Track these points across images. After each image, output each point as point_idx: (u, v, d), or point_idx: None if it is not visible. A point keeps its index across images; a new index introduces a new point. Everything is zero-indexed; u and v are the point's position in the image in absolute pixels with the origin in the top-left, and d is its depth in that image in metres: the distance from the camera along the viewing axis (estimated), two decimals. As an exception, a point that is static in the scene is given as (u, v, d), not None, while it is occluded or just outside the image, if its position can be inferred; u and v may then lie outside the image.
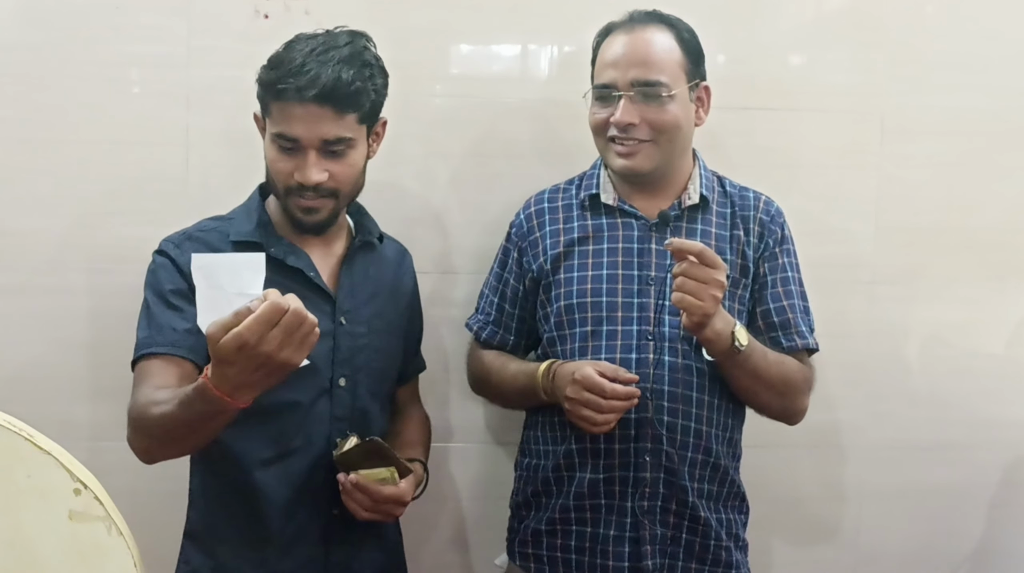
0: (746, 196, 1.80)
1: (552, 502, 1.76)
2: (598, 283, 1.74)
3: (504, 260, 1.90)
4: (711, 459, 1.72)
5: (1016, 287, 2.21)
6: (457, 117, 2.05)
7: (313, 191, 1.58)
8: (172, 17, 1.95)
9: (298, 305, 1.28)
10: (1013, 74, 2.14)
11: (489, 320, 1.90)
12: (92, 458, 1.03)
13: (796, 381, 1.72)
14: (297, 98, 1.53)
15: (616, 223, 1.78)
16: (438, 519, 2.12)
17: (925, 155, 2.14)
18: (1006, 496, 2.22)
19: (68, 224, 1.95)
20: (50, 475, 0.94)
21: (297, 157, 1.57)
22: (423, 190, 2.06)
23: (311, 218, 1.62)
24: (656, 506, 1.70)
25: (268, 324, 1.26)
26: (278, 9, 1.97)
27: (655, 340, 1.71)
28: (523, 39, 2.09)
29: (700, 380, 1.71)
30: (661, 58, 1.70)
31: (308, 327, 1.29)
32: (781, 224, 1.79)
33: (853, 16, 2.12)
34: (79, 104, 1.94)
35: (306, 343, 1.31)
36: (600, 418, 1.61)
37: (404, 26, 1.99)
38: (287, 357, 1.29)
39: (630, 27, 1.74)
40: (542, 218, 1.84)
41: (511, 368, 1.83)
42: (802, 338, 1.76)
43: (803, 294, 1.80)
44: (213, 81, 1.95)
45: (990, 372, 2.20)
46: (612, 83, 1.71)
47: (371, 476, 1.55)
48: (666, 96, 1.69)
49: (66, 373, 1.96)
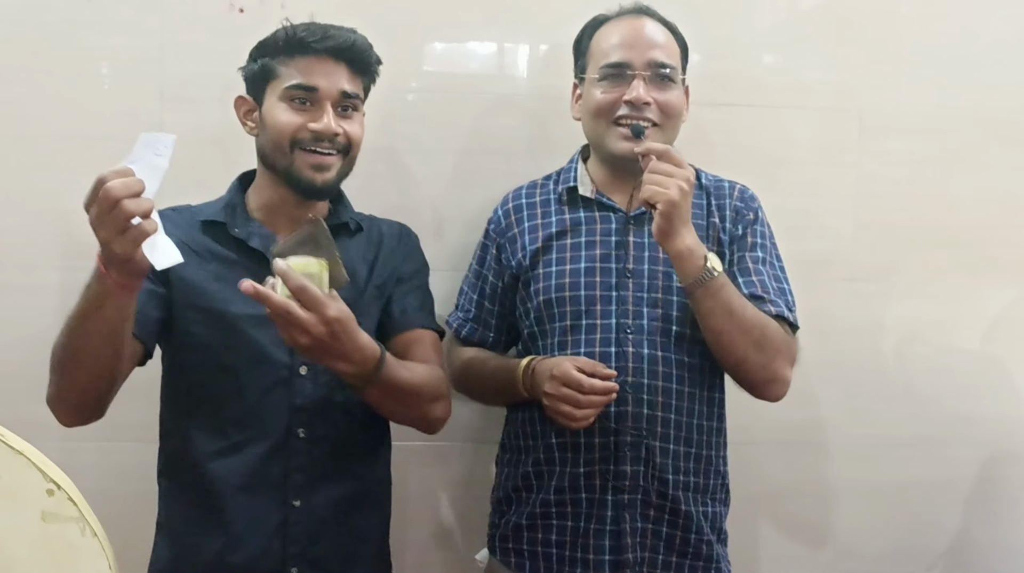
0: (721, 186, 1.81)
1: (533, 497, 1.76)
2: (576, 277, 1.74)
3: (483, 257, 1.89)
4: (693, 450, 1.72)
5: (992, 284, 2.22)
6: (435, 113, 2.04)
7: (329, 143, 1.58)
8: (145, 10, 1.93)
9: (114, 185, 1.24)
10: (989, 71, 2.15)
11: (469, 317, 1.90)
12: (63, 458, 1.02)
13: (774, 336, 1.66)
14: (318, 50, 1.58)
15: (594, 216, 1.77)
16: (419, 516, 2.11)
17: (903, 152, 2.14)
18: (982, 491, 2.23)
19: (39, 221, 1.93)
20: (22, 475, 0.92)
21: (310, 111, 1.58)
22: (402, 187, 2.05)
23: (323, 175, 1.60)
24: (637, 500, 1.69)
25: (92, 195, 1.26)
26: (253, 3, 1.95)
27: (634, 333, 1.70)
28: (501, 35, 2.08)
29: (680, 372, 1.71)
30: (670, 45, 1.75)
31: (120, 214, 1.25)
32: (755, 209, 1.78)
33: (830, 13, 2.12)
34: (51, 98, 1.91)
35: (127, 235, 1.26)
36: (579, 413, 1.62)
37: (379, 22, 1.95)
38: (103, 238, 1.28)
39: (636, 15, 1.77)
40: (520, 214, 1.83)
41: (491, 365, 1.83)
42: (775, 307, 1.70)
43: (778, 276, 1.77)
44: (187, 75, 1.93)
45: (966, 368, 2.21)
46: (626, 62, 1.71)
47: (298, 267, 1.34)
48: (675, 81, 1.73)
49: (37, 372, 1.91)
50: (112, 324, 1.40)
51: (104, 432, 1.64)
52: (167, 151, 1.32)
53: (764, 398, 1.72)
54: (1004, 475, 2.24)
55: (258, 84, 1.62)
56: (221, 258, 1.59)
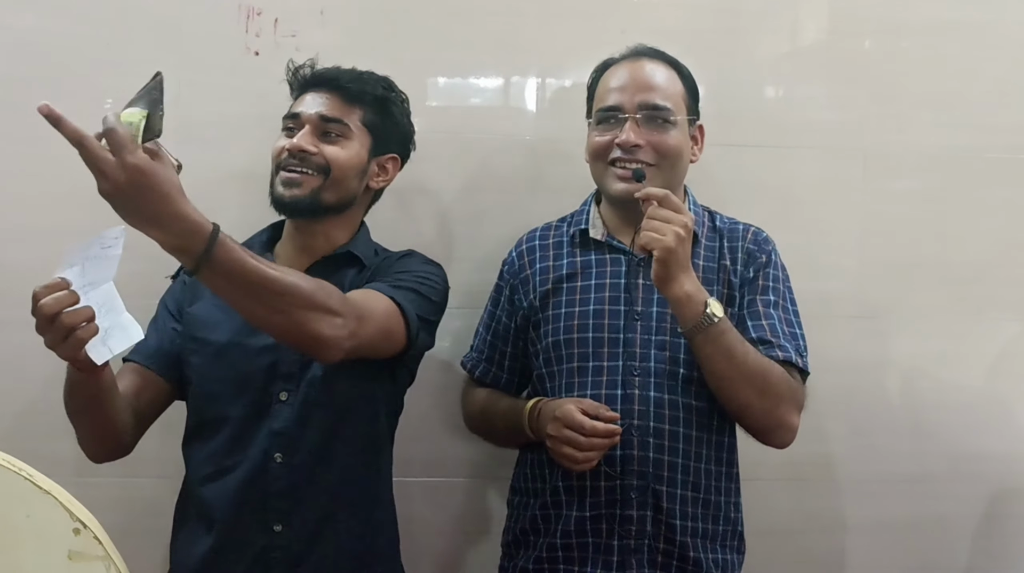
0: (735, 228, 1.81)
1: (540, 541, 1.75)
2: (585, 319, 1.74)
3: (497, 298, 1.90)
4: (701, 496, 1.71)
5: (996, 320, 2.23)
6: (444, 153, 2.07)
7: (299, 161, 1.63)
8: (163, 52, 1.96)
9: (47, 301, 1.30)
10: (991, 112, 2.18)
11: (482, 357, 1.90)
12: (81, 494, 1.04)
13: (778, 383, 1.64)
14: (308, 85, 1.70)
15: (604, 259, 1.78)
16: (423, 554, 2.10)
17: (906, 191, 2.17)
18: (987, 528, 2.24)
19: (56, 257, 1.91)
20: (49, 515, 0.94)
21: (294, 135, 1.66)
22: (411, 225, 2.07)
23: (291, 191, 1.64)
24: (644, 545, 1.68)
25: (33, 306, 1.32)
26: (268, 46, 1.98)
27: (640, 375, 1.70)
28: (508, 74, 2.12)
29: (687, 415, 1.70)
30: (667, 86, 1.75)
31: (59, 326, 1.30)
32: (768, 251, 1.77)
33: (834, 54, 2.16)
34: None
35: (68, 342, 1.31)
36: (580, 456, 1.61)
37: (391, 61, 2.00)
38: (48, 344, 1.34)
39: (635, 58, 1.77)
40: (533, 255, 1.85)
41: (501, 406, 1.84)
42: (783, 352, 1.68)
43: (791, 321, 1.75)
44: (203, 116, 1.95)
45: (971, 405, 2.22)
46: (618, 106, 1.73)
47: (124, 117, 1.29)
48: (671, 122, 1.72)
49: (53, 408, 1.92)
50: (93, 394, 1.50)
51: (121, 468, 1.67)
52: (117, 242, 1.34)
53: (770, 445, 1.71)
54: (1009, 512, 2.25)
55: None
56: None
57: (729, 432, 1.76)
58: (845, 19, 2.16)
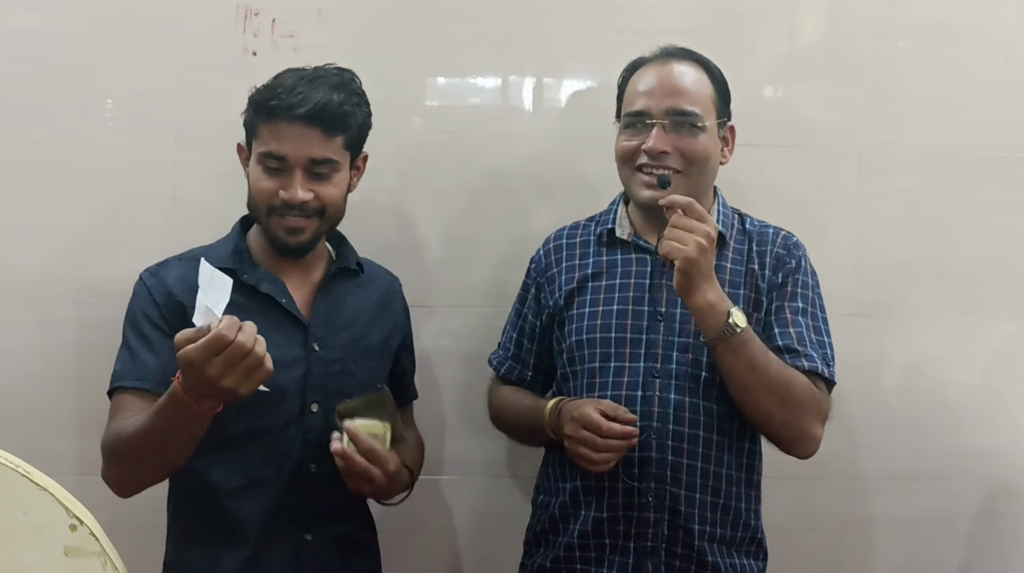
0: (765, 232, 1.78)
1: (559, 540, 1.75)
2: (608, 319, 1.73)
3: (524, 296, 1.90)
4: (721, 501, 1.69)
5: (992, 319, 2.23)
6: (441, 151, 2.08)
7: (299, 210, 1.61)
8: (162, 54, 1.97)
9: (245, 338, 1.35)
10: (986, 112, 2.18)
11: (508, 355, 1.90)
12: (78, 492, 1.04)
13: (801, 394, 1.62)
14: (287, 117, 1.58)
15: (630, 259, 1.77)
16: (433, 550, 2.15)
17: (902, 191, 2.17)
18: (984, 526, 2.24)
19: (56, 258, 1.97)
20: (46, 511, 0.95)
21: (282, 177, 1.61)
22: (406, 224, 2.08)
23: (295, 239, 1.63)
24: (660, 548, 1.67)
25: (210, 351, 1.34)
26: (266, 46, 2.00)
27: (661, 378, 1.69)
28: (505, 74, 2.13)
29: (708, 419, 1.68)
30: (695, 90, 1.71)
31: (253, 361, 1.36)
32: (798, 257, 1.75)
33: (830, 55, 2.16)
34: (69, 139, 1.96)
35: (253, 377, 1.37)
36: (597, 457, 1.60)
37: (388, 61, 2.02)
38: (230, 385, 1.36)
39: (664, 60, 1.74)
40: (560, 254, 1.84)
41: (524, 404, 1.83)
42: (809, 361, 1.66)
43: (819, 328, 1.73)
44: (202, 116, 1.98)
45: (967, 403, 2.23)
46: (646, 111, 1.70)
47: (364, 428, 1.55)
48: (699, 127, 1.69)
49: (53, 406, 1.96)
50: (193, 435, 1.49)
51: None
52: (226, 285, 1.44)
53: (793, 454, 1.70)
54: (1005, 509, 2.25)
55: (248, 136, 1.67)
56: (234, 303, 1.61)
57: (751, 438, 1.74)
58: (841, 20, 2.16)
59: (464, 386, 2.10)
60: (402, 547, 2.05)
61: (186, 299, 1.60)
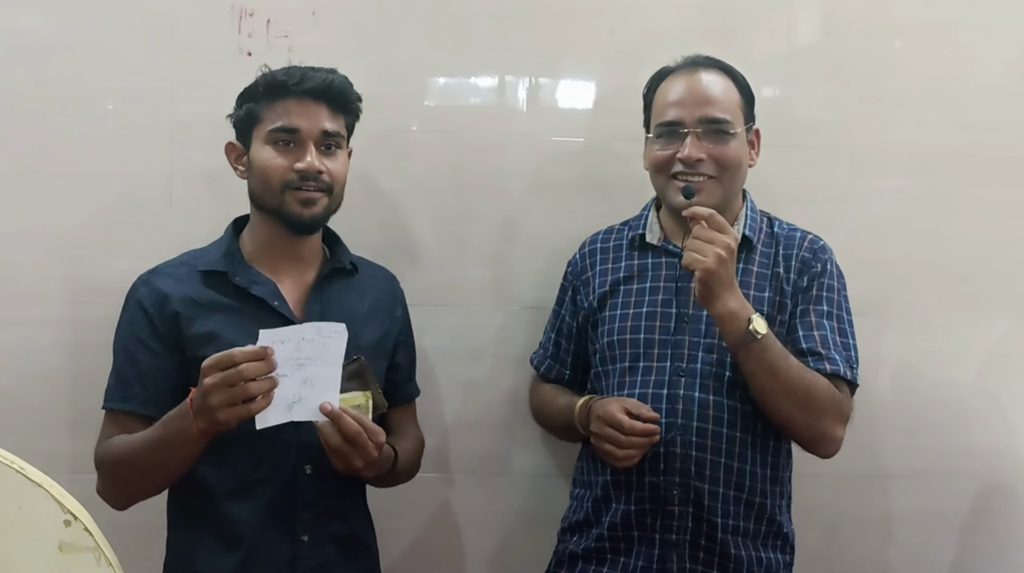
0: (792, 235, 1.83)
1: (592, 531, 1.81)
2: (638, 321, 1.79)
3: (561, 298, 1.96)
4: (745, 496, 1.74)
5: (984, 317, 2.24)
6: (435, 150, 2.08)
7: (313, 181, 1.63)
8: (157, 53, 1.97)
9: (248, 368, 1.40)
10: (978, 111, 2.19)
11: (547, 355, 1.98)
12: (73, 490, 1.05)
13: (821, 397, 1.68)
14: (296, 93, 1.63)
15: (660, 263, 1.83)
16: (432, 549, 2.14)
17: (895, 190, 2.18)
18: (977, 524, 2.25)
19: (52, 256, 1.97)
20: (40, 507, 0.95)
21: (294, 151, 1.63)
22: (401, 223, 2.08)
23: (310, 211, 1.64)
24: (684, 540, 1.73)
25: (218, 365, 1.40)
26: (261, 46, 2.00)
27: (686, 377, 1.74)
28: (500, 74, 2.13)
29: (732, 417, 1.73)
30: (724, 98, 1.77)
31: (241, 391, 1.40)
32: (825, 260, 1.79)
33: (822, 54, 2.17)
34: (64, 138, 1.96)
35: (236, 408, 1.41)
36: (620, 453, 1.67)
37: (383, 61, 2.02)
38: (214, 403, 1.40)
39: (691, 69, 1.79)
40: (594, 258, 1.90)
41: (560, 402, 1.90)
42: (832, 364, 1.71)
43: (844, 330, 1.77)
44: (196, 116, 1.97)
45: (960, 401, 2.23)
46: (678, 120, 1.75)
47: (345, 400, 1.54)
48: (730, 134, 1.74)
49: (47, 405, 1.96)
50: (190, 455, 1.52)
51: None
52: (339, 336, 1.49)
53: (815, 454, 1.77)
54: (998, 508, 2.25)
55: (245, 129, 1.68)
56: (225, 308, 1.64)
57: (775, 436, 1.78)
58: (834, 19, 2.17)
59: (460, 384, 2.12)
60: (400, 546, 2.07)
61: (181, 308, 1.62)
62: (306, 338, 1.46)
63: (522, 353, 2.08)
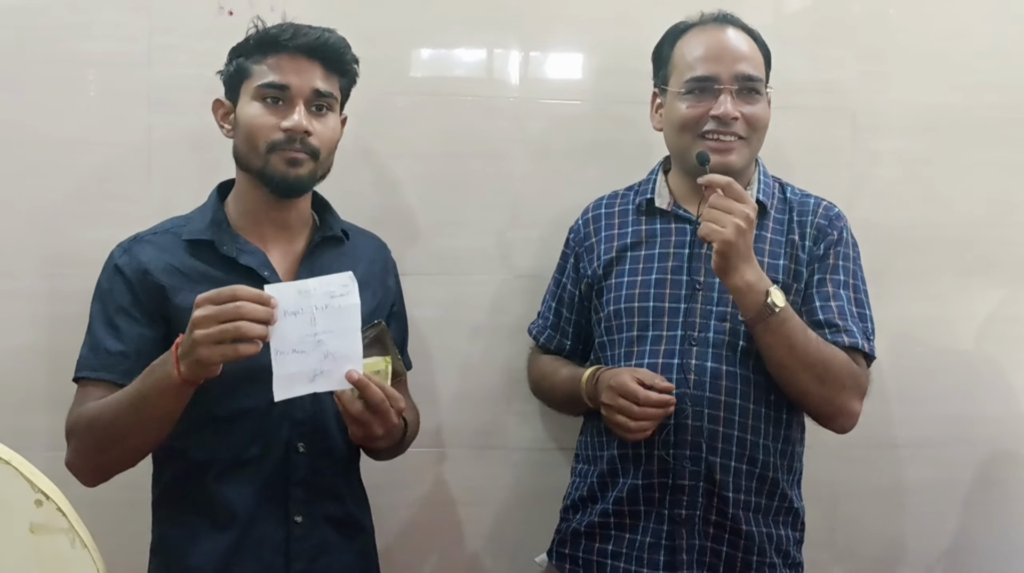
0: (806, 202, 1.77)
1: (596, 507, 1.76)
2: (646, 288, 1.73)
3: (563, 265, 1.90)
4: (757, 470, 1.69)
5: (985, 283, 2.22)
6: (424, 118, 2.04)
7: (300, 143, 1.56)
8: (133, 14, 1.91)
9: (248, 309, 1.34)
10: (980, 71, 2.16)
11: (547, 325, 1.92)
12: (51, 468, 1.02)
13: (839, 371, 1.63)
14: (289, 49, 1.57)
15: (670, 228, 1.76)
16: (428, 525, 2.11)
17: (896, 152, 2.15)
18: (980, 492, 2.23)
19: (26, 227, 1.91)
20: (10, 485, 0.90)
21: (283, 109, 1.57)
22: (391, 191, 2.04)
23: (295, 171, 1.57)
24: (695, 515, 1.68)
25: (216, 298, 1.34)
26: (242, 6, 1.93)
27: (698, 346, 1.68)
28: (490, 39, 2.07)
29: (744, 387, 1.68)
30: (753, 55, 1.71)
31: (232, 329, 1.33)
32: (840, 228, 1.74)
33: (821, 14, 2.13)
34: (37, 104, 1.90)
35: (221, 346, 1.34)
36: (634, 425, 1.61)
37: (370, 25, 1.96)
38: (199, 338, 1.33)
39: (720, 25, 1.73)
40: (599, 223, 1.83)
41: (562, 374, 1.84)
42: (850, 336, 1.67)
43: (860, 301, 1.73)
44: (175, 80, 1.92)
45: (962, 368, 2.21)
46: (714, 75, 1.68)
47: (367, 366, 1.48)
48: (760, 93, 1.70)
49: (24, 380, 1.91)
50: (170, 410, 1.44)
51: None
52: (348, 289, 1.43)
53: (831, 429, 1.72)
54: (1002, 475, 2.24)
55: (233, 85, 1.61)
56: (212, 279, 1.56)
57: (788, 409, 1.72)
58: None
59: (454, 356, 2.08)
60: (395, 522, 2.04)
61: (164, 279, 1.55)
62: (318, 306, 1.41)
63: (518, 323, 2.03)
